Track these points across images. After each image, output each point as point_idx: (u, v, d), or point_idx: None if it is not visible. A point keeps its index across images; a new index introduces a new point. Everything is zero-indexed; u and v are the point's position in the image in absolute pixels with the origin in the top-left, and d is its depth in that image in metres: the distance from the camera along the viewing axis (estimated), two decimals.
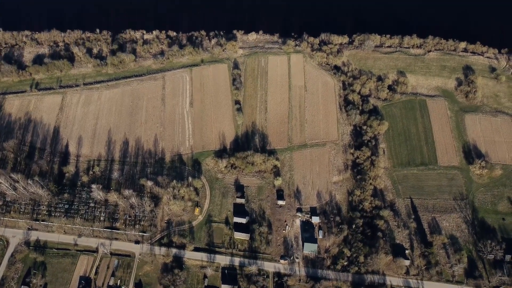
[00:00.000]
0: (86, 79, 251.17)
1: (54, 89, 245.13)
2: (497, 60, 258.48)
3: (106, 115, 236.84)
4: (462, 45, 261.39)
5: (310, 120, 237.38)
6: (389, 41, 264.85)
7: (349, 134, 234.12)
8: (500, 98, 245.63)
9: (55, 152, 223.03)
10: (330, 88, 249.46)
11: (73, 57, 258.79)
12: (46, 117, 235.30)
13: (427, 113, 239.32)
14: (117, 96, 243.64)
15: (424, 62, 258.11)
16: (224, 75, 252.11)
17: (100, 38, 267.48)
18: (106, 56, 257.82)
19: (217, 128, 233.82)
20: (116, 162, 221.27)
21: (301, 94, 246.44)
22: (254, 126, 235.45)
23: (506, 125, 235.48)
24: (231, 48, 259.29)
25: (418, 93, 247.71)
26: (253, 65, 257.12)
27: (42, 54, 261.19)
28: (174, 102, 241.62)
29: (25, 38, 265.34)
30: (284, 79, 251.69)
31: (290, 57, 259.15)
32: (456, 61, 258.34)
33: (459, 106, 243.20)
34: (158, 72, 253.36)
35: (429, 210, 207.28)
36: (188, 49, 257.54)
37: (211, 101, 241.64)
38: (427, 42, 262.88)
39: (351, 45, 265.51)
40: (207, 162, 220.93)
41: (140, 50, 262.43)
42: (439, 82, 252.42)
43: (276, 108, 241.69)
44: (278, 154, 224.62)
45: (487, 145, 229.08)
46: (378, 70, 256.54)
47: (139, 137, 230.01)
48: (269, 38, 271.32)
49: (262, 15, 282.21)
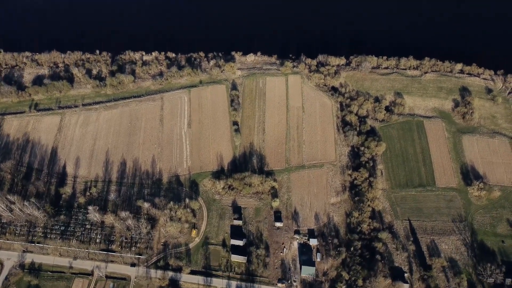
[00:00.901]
0: (85, 100, 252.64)
1: (53, 109, 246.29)
2: (493, 82, 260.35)
3: (104, 136, 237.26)
4: (458, 66, 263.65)
5: (308, 141, 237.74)
6: (386, 63, 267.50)
7: (346, 155, 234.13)
8: (497, 119, 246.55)
9: (52, 173, 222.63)
10: (327, 109, 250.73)
11: (73, 78, 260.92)
12: (44, 137, 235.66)
13: (425, 134, 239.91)
14: (115, 116, 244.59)
15: (421, 84, 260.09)
16: (222, 96, 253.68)
17: (100, 59, 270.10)
18: (106, 77, 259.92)
19: (215, 149, 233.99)
20: (114, 183, 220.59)
21: (299, 115, 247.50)
22: (252, 147, 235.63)
23: (503, 146, 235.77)
24: (229, 69, 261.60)
25: (415, 114, 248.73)
26: (251, 86, 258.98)
27: (42, 75, 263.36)
28: (172, 123, 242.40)
29: (25, 59, 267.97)
30: (282, 100, 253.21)
31: (288, 78, 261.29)
32: (453, 83, 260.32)
33: (456, 127, 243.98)
34: (157, 93, 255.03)
35: (428, 232, 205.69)
36: (186, 70, 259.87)
37: (209, 122, 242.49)
38: (424, 64, 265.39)
39: (348, 67, 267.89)
40: (205, 183, 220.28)
41: (139, 71, 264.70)
42: (436, 103, 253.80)
43: (274, 129, 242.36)
44: (275, 175, 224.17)
45: (485, 166, 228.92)
46: (375, 91, 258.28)
47: (137, 158, 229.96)
48: (267, 60, 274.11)
49: (260, 36, 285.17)
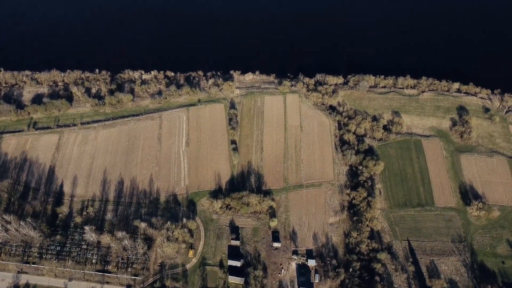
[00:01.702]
0: (84, 119, 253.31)
1: (51, 128, 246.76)
2: (491, 101, 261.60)
3: (102, 155, 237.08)
4: (456, 85, 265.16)
5: (306, 160, 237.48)
6: (383, 82, 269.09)
7: (345, 174, 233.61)
8: (495, 138, 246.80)
9: (49, 192, 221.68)
10: (325, 128, 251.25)
11: (72, 97, 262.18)
12: (42, 156, 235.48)
13: (423, 153, 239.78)
14: (114, 135, 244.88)
15: (418, 103, 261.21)
16: (220, 115, 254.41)
17: (99, 78, 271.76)
18: (105, 95, 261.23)
19: (212, 168, 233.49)
20: (111, 203, 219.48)
21: (297, 134, 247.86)
22: (250, 166, 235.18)
23: (502, 165, 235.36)
24: (228, 88, 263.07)
25: (413, 133, 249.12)
26: (249, 105, 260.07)
27: (41, 93, 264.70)
28: (170, 142, 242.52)
29: (25, 78, 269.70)
30: (280, 119, 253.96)
31: (286, 97, 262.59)
32: (450, 102, 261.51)
33: (455, 146, 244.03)
34: (155, 112, 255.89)
35: (427, 253, 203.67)
36: (185, 89, 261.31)
37: (207, 141, 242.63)
38: (421, 83, 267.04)
39: (346, 86, 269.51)
40: (202, 202, 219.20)
41: (138, 90, 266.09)
42: (433, 122, 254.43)
43: (272, 147, 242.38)
44: (273, 194, 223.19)
45: (484, 186, 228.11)
46: (373, 110, 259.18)
47: (135, 176, 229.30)
48: (265, 78, 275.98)
49: (259, 55, 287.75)
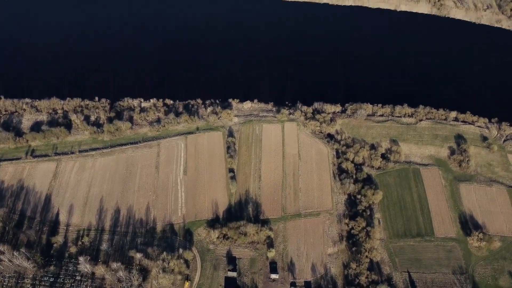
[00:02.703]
0: (82, 146, 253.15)
1: (49, 156, 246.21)
2: (488, 129, 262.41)
3: (99, 183, 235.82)
4: (453, 114, 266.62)
5: (304, 189, 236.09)
6: (381, 110, 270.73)
7: (343, 204, 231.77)
8: (493, 167, 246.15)
9: (45, 221, 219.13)
10: (323, 156, 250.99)
11: (71, 124, 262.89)
12: (39, 184, 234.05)
13: (422, 182, 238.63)
14: (111, 163, 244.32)
15: (416, 131, 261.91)
16: (218, 143, 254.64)
17: (99, 106, 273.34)
18: (103, 123, 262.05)
19: (210, 196, 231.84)
20: (106, 232, 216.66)
21: (295, 162, 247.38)
22: (248, 195, 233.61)
23: (501, 195, 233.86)
24: (226, 116, 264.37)
25: (412, 162, 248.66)
26: (247, 133, 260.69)
27: (40, 121, 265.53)
28: (168, 170, 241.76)
29: (25, 106, 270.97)
30: (278, 147, 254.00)
31: (284, 126, 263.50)
32: (448, 130, 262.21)
33: (453, 175, 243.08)
34: (154, 140, 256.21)
35: (428, 285, 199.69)
36: (184, 117, 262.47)
37: (205, 169, 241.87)
38: (418, 111, 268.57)
39: (344, 114, 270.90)
40: (199, 232, 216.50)
41: (137, 118, 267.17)
42: (432, 150, 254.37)
43: (270, 176, 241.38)
44: (271, 224, 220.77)
45: (484, 215, 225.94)
46: (371, 139, 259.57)
47: (131, 205, 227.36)
48: (263, 107, 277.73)
49: (257, 84, 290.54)
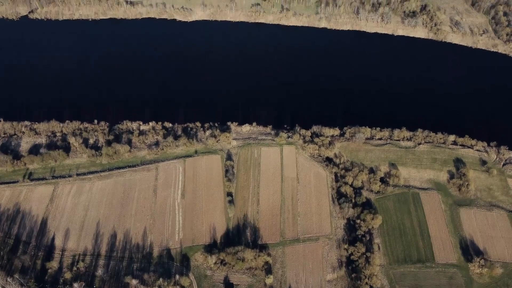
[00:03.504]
0: (80, 170, 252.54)
1: (46, 179, 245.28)
2: (487, 153, 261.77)
3: (96, 207, 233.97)
4: (451, 138, 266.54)
5: (303, 213, 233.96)
6: (379, 134, 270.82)
7: (342, 228, 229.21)
8: (493, 191, 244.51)
9: (40, 245, 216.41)
10: (322, 180, 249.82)
11: (69, 147, 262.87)
12: (35, 208, 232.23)
13: (421, 206, 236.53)
14: (109, 186, 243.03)
15: (415, 155, 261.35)
16: (217, 166, 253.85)
17: (98, 129, 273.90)
18: (102, 146, 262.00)
19: (208, 220, 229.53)
20: (102, 257, 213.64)
21: (294, 185, 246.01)
22: (246, 219, 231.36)
23: (502, 220, 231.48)
24: (224, 139, 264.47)
25: (411, 186, 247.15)
26: (246, 156, 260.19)
27: (39, 144, 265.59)
28: (165, 193, 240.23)
29: (24, 128, 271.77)
30: (277, 170, 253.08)
31: (283, 149, 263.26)
32: (447, 154, 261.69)
33: (453, 199, 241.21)
34: (152, 163, 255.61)
35: None
36: (182, 140, 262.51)
37: (203, 193, 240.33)
38: (417, 135, 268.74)
39: (342, 137, 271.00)
40: (196, 257, 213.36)
41: (136, 141, 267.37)
42: (431, 174, 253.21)
43: (269, 200, 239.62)
44: (270, 249, 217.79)
45: (485, 241, 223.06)
46: (369, 162, 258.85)
47: (128, 229, 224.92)
48: (262, 130, 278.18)
49: (256, 106, 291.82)
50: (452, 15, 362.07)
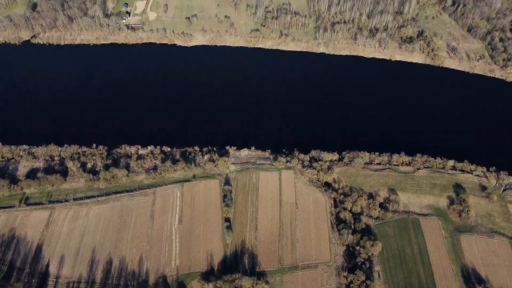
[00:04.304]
0: (77, 194, 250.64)
1: (43, 204, 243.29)
2: (487, 179, 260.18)
3: (93, 232, 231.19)
4: (450, 163, 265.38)
5: (302, 239, 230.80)
6: (378, 159, 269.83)
7: (341, 255, 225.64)
8: (494, 217, 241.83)
9: (34, 272, 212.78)
10: (321, 205, 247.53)
11: (67, 172, 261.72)
12: (30, 233, 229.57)
13: (421, 233, 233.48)
14: (106, 212, 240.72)
15: (414, 180, 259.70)
16: (215, 191, 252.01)
17: (96, 153, 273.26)
18: (100, 170, 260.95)
19: (205, 247, 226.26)
20: (97, 284, 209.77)
21: (292, 211, 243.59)
22: (244, 245, 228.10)
23: (503, 247, 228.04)
24: (223, 164, 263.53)
25: (411, 212, 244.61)
26: (244, 181, 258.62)
27: (36, 168, 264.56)
28: (163, 219, 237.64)
29: (22, 152, 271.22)
30: (275, 195, 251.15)
31: (281, 173, 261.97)
32: (446, 179, 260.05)
33: (454, 226, 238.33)
34: (150, 187, 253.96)
35: None
36: (180, 165, 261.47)
37: (200, 219, 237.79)
38: (416, 160, 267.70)
39: (341, 162, 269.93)
40: (193, 285, 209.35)
41: (134, 165, 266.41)
42: (430, 200, 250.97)
43: (267, 225, 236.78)
44: (268, 276, 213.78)
45: (487, 268, 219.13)
46: (369, 187, 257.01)
47: (124, 256, 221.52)
48: (260, 154, 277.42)
49: (254, 131, 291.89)
50: (448, 41, 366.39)
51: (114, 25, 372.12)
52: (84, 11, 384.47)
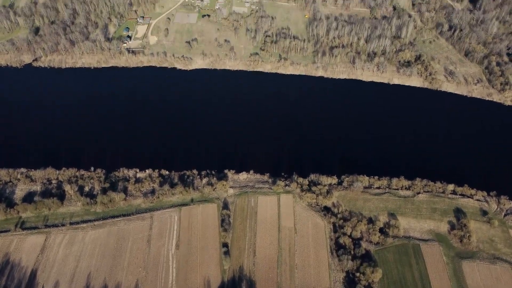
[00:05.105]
0: (74, 218, 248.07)
1: (39, 228, 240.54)
2: (488, 203, 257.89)
3: (88, 258, 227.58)
4: (450, 187, 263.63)
5: (301, 266, 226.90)
6: (377, 183, 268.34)
7: (341, 282, 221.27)
8: (496, 243, 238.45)
9: None
10: (320, 230, 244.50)
11: (64, 195, 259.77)
12: (25, 258, 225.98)
13: (422, 259, 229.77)
14: (102, 236, 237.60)
15: (414, 204, 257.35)
16: (213, 216, 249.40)
17: (94, 176, 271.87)
18: (97, 194, 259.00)
19: (202, 273, 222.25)
20: None
21: (291, 236, 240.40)
22: (242, 271, 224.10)
23: (506, 273, 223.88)
24: (221, 187, 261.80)
25: (411, 237, 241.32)
26: (242, 205, 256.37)
27: (34, 191, 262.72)
28: (160, 244, 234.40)
29: (19, 176, 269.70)
30: (274, 220, 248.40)
31: (280, 197, 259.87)
32: (446, 204, 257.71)
33: (455, 252, 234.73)
34: (147, 212, 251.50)
35: None
36: (179, 188, 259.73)
37: (198, 244, 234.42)
38: (415, 184, 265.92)
39: (340, 186, 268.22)
40: None
41: (132, 189, 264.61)
42: (431, 225, 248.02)
43: (265, 251, 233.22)
44: None
45: None
46: (368, 212, 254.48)
47: (120, 282, 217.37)
48: (259, 178, 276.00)
49: (253, 154, 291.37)
50: (446, 65, 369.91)
51: (115, 49, 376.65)
52: (86, 35, 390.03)
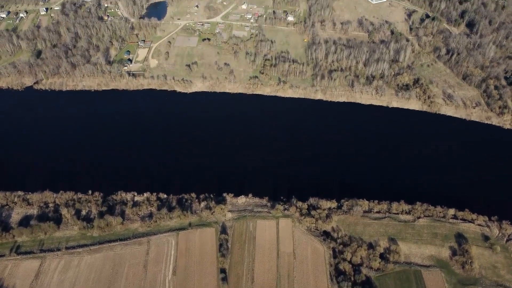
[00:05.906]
0: (70, 242, 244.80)
1: (34, 253, 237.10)
2: (489, 228, 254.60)
3: (83, 284, 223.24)
4: (451, 211, 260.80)
5: None
6: (377, 207, 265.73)
7: None
8: (498, 270, 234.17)
9: None
10: (320, 255, 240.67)
11: (61, 219, 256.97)
12: (19, 284, 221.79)
13: (424, 285, 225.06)
14: (98, 261, 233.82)
15: (414, 229, 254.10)
16: (211, 240, 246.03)
17: (91, 199, 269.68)
18: (94, 218, 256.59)
19: None
20: None
21: (290, 262, 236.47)
22: None
23: None
24: (219, 211, 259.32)
25: (412, 263, 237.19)
26: (241, 229, 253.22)
27: (30, 215, 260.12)
28: (156, 269, 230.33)
29: (16, 199, 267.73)
30: (273, 245, 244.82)
31: (279, 222, 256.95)
32: (447, 229, 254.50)
33: (457, 278, 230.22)
34: (144, 236, 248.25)
35: None
36: (176, 212, 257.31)
37: (195, 270, 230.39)
38: (416, 208, 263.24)
39: (339, 210, 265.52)
40: None
41: (129, 212, 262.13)
42: (432, 250, 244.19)
43: (264, 277, 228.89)
44: None
45: None
46: (368, 237, 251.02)
47: None
48: (258, 202, 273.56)
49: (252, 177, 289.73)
50: (444, 88, 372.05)
51: (116, 72, 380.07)
52: (87, 58, 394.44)
